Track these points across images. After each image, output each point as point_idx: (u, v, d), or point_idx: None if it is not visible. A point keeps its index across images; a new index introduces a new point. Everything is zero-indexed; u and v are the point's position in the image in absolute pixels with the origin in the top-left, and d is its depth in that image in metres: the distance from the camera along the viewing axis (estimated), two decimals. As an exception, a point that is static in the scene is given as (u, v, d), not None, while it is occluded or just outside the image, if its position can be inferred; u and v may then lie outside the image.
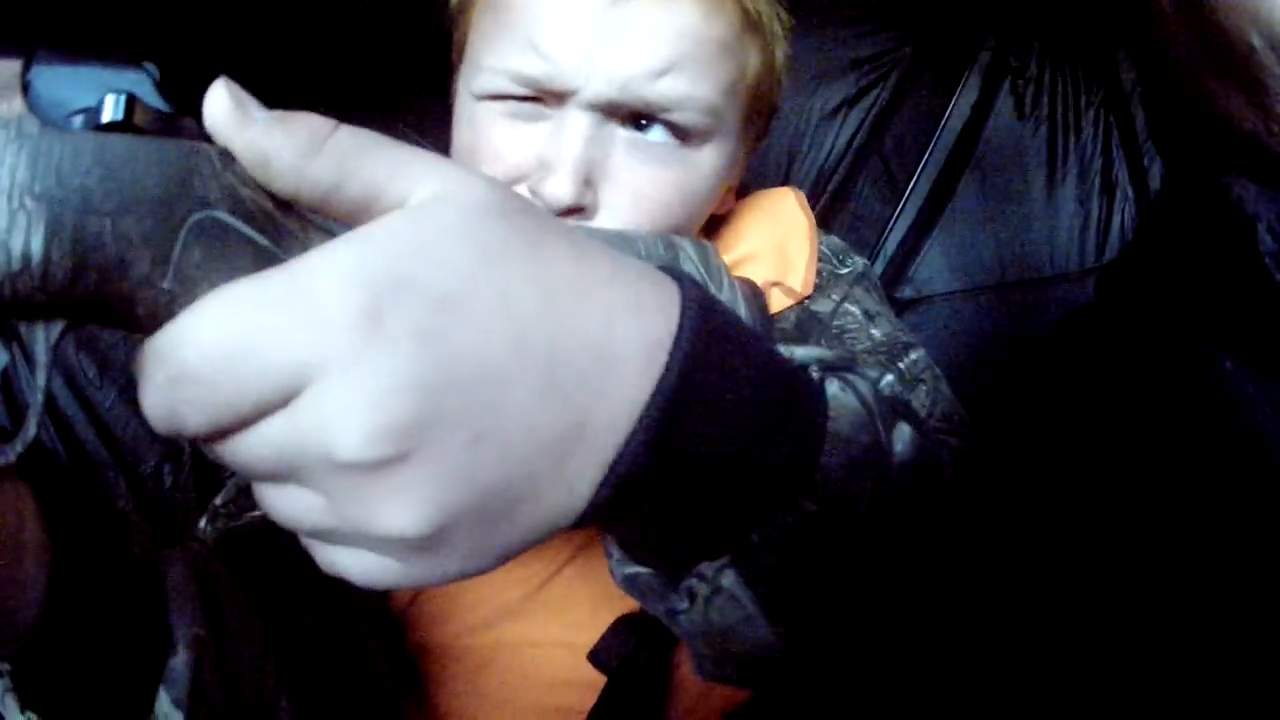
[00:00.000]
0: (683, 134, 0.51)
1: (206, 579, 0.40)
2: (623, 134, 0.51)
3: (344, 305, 0.22)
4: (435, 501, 0.23)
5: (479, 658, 0.53)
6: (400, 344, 0.22)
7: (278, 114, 0.24)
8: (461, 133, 0.54)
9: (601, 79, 0.48)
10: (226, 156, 0.24)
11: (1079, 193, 0.90)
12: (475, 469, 0.23)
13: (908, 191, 0.87)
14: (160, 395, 0.23)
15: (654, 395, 0.26)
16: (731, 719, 0.55)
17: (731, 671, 0.34)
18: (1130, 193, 0.92)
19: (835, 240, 0.62)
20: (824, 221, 0.81)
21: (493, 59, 0.51)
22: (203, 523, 0.49)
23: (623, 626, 0.51)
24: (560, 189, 0.48)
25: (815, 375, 0.34)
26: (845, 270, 0.60)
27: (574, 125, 0.49)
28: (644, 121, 0.51)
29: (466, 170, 0.25)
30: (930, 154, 0.87)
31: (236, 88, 0.24)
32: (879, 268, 0.86)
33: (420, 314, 0.22)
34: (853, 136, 0.86)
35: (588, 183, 0.49)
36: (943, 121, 0.88)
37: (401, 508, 0.23)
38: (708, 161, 0.53)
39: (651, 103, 0.49)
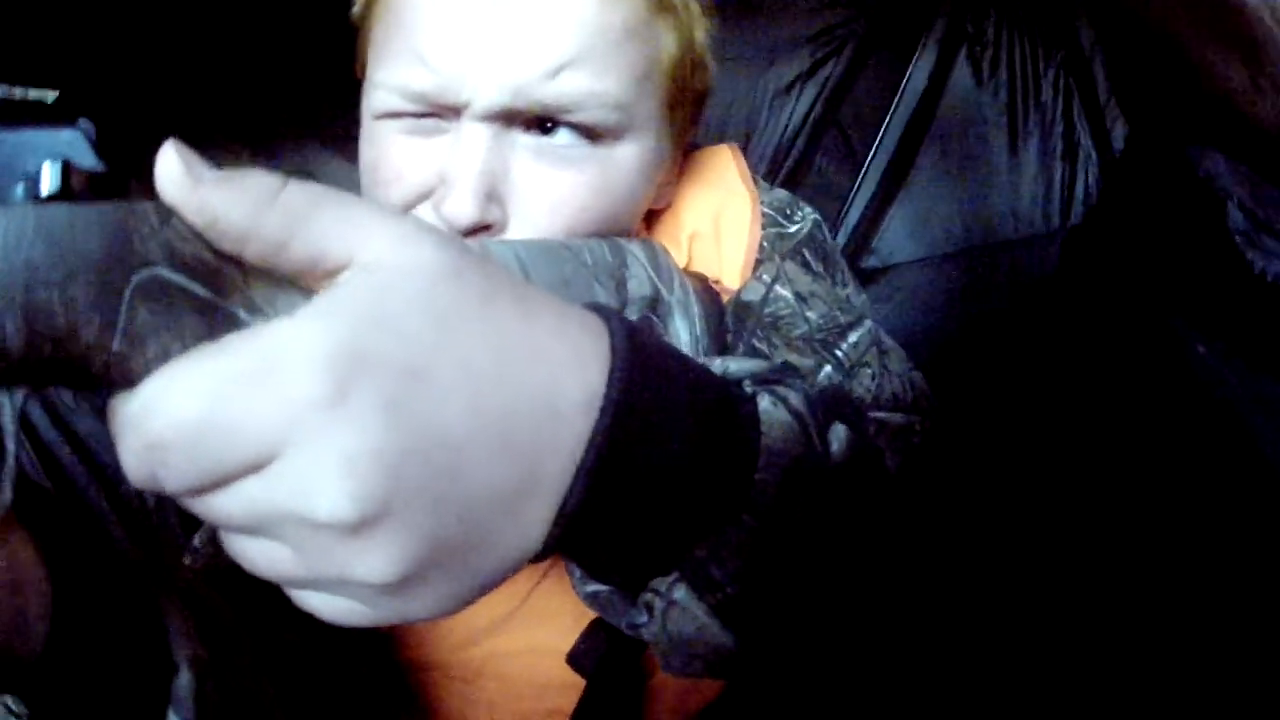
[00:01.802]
0: (591, 133, 0.48)
1: (198, 601, 0.41)
2: (526, 140, 0.48)
3: (310, 383, 0.23)
4: (402, 558, 0.24)
5: (469, 670, 0.54)
6: (366, 417, 0.23)
7: (227, 173, 0.25)
8: (364, 153, 0.51)
9: (491, 87, 0.45)
10: (163, 213, 0.25)
11: (1041, 156, 0.90)
12: (438, 527, 0.25)
13: (867, 162, 0.87)
14: (136, 459, 0.24)
15: (590, 443, 0.27)
16: (706, 715, 0.55)
17: (699, 668, 0.36)
18: (1094, 154, 0.92)
19: (782, 195, 0.59)
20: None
21: (383, 74, 0.48)
22: (186, 559, 0.50)
23: (598, 630, 0.51)
24: (460, 208, 0.46)
25: (748, 390, 0.35)
26: (792, 229, 0.57)
27: (470, 139, 0.47)
28: (548, 125, 0.48)
29: (413, 227, 0.26)
30: (888, 124, 0.87)
31: (185, 149, 0.25)
32: (841, 239, 0.86)
33: (383, 387, 0.23)
34: (809, 111, 0.86)
35: (491, 198, 0.47)
36: (900, 91, 0.88)
37: (371, 562, 0.24)
38: (625, 159, 0.49)
39: (549, 105, 0.46)
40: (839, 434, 0.37)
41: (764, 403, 0.35)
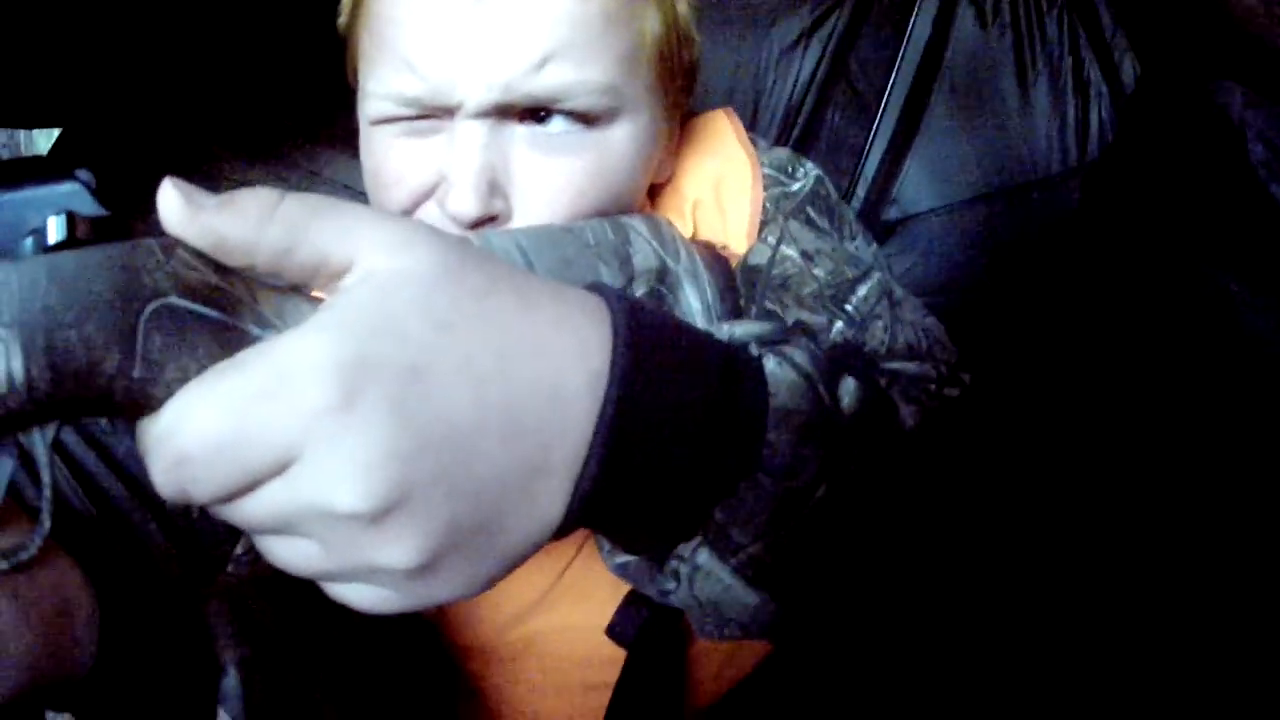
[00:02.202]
0: (585, 119, 0.49)
1: (243, 604, 0.43)
2: (522, 131, 0.49)
3: (320, 392, 0.24)
4: (422, 544, 0.26)
5: (512, 650, 0.55)
6: (374, 418, 0.25)
7: (225, 196, 0.26)
8: (366, 160, 0.52)
9: (480, 86, 0.46)
10: (167, 246, 0.26)
11: (1052, 94, 0.89)
12: (454, 513, 0.26)
13: (879, 115, 0.86)
14: (165, 476, 0.25)
15: (599, 423, 0.29)
16: (744, 688, 0.56)
17: (735, 631, 0.38)
18: (1104, 89, 0.91)
19: (781, 153, 0.59)
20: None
21: (374, 83, 0.49)
22: (230, 568, 0.52)
23: (634, 602, 0.52)
24: (463, 205, 0.47)
25: (755, 353, 0.36)
26: (795, 186, 0.57)
27: (467, 136, 0.48)
28: (542, 114, 0.48)
29: (410, 231, 0.28)
30: (897, 74, 0.86)
31: (182, 183, 0.26)
32: (860, 193, 0.85)
33: (389, 389, 0.25)
34: (815, 67, 0.85)
35: (494, 190, 0.48)
36: (905, 40, 0.87)
37: (394, 549, 0.26)
38: (621, 140, 0.50)
39: (539, 97, 0.47)
40: (849, 388, 0.38)
41: (770, 364, 0.36)
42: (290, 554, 0.27)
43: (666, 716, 0.54)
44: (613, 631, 0.52)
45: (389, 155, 0.50)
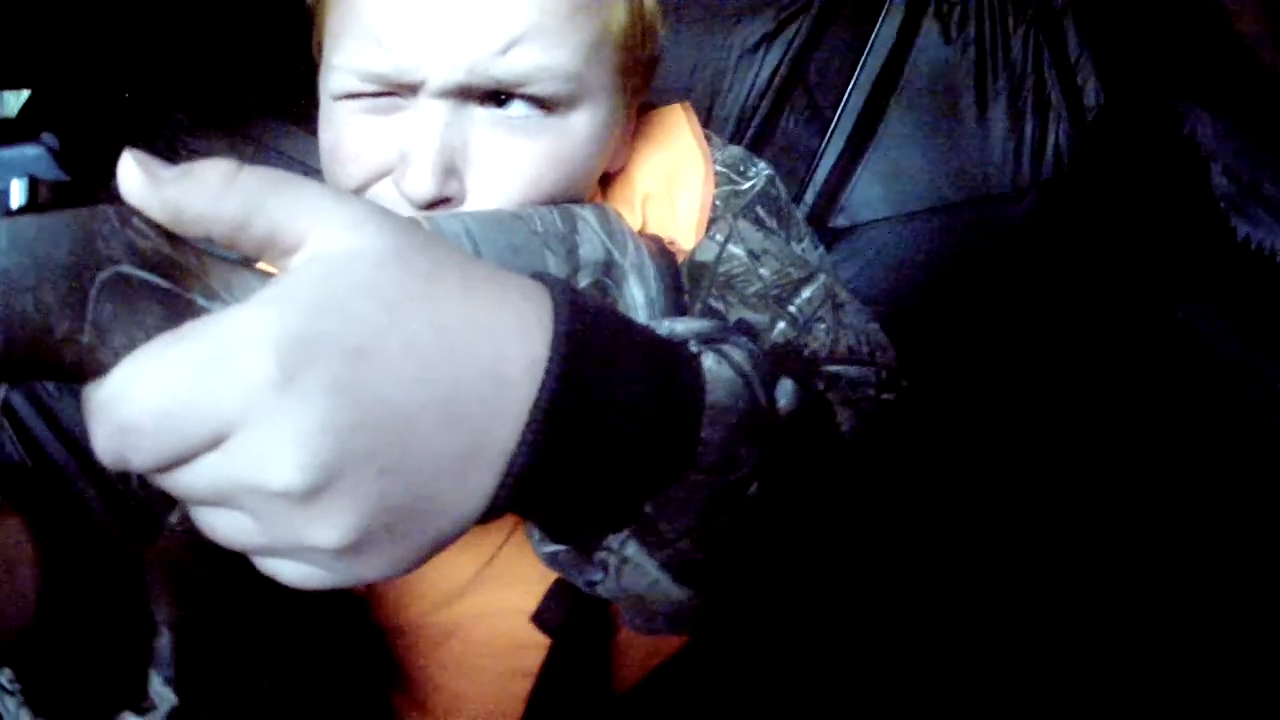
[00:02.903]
0: (545, 104, 0.49)
1: (180, 569, 0.43)
2: (483, 114, 0.49)
3: (261, 367, 0.25)
4: (352, 523, 0.26)
5: (440, 632, 0.55)
6: (313, 396, 0.25)
7: (184, 167, 0.27)
8: (324, 134, 0.52)
9: (446, 65, 0.47)
10: (123, 214, 0.27)
11: (1010, 113, 0.90)
12: (385, 494, 0.27)
13: (835, 121, 0.87)
14: (107, 443, 0.26)
15: (534, 409, 0.29)
16: (664, 671, 0.57)
17: (661, 624, 0.38)
18: (1064, 111, 0.91)
19: (735, 152, 0.60)
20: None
21: (340, 57, 0.49)
22: (164, 535, 0.51)
23: (561, 590, 0.53)
24: (419, 185, 0.47)
25: (694, 349, 0.36)
26: (745, 185, 0.58)
27: (429, 115, 0.48)
28: (503, 98, 0.49)
29: (361, 211, 0.28)
30: (855, 83, 0.87)
31: (142, 155, 0.26)
32: (809, 198, 0.86)
33: (330, 367, 0.25)
34: (775, 70, 0.86)
35: (450, 172, 0.48)
36: (867, 49, 0.87)
37: (324, 528, 0.26)
38: (579, 127, 0.51)
39: (503, 80, 0.47)
40: (786, 389, 0.38)
41: (708, 361, 0.36)
42: (223, 527, 0.27)
43: (589, 703, 0.55)
44: (539, 618, 0.53)
45: (348, 131, 0.50)
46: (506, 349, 0.29)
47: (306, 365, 0.25)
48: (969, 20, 0.90)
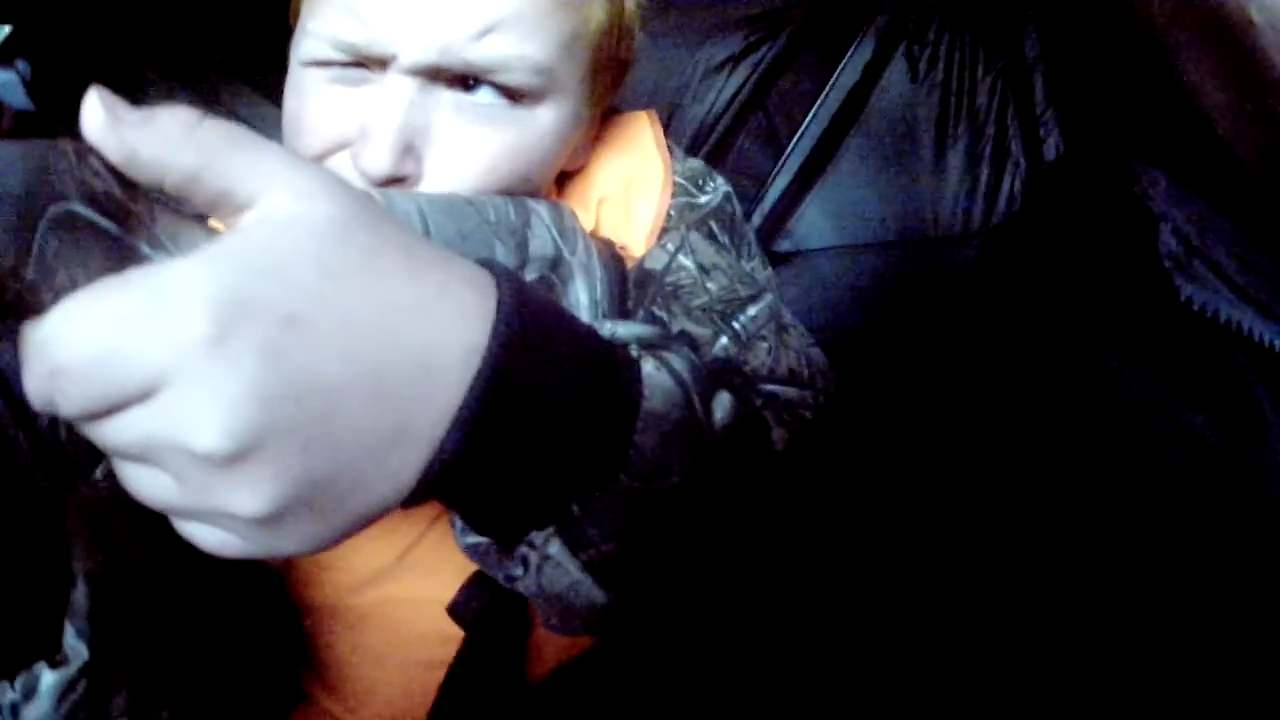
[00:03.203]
0: (513, 94, 0.49)
1: (100, 521, 0.43)
2: (449, 97, 0.49)
3: (195, 323, 0.24)
4: (272, 494, 0.26)
5: (356, 615, 0.55)
6: (244, 359, 0.25)
7: (146, 112, 0.27)
8: (289, 101, 0.52)
9: (420, 44, 0.47)
10: (81, 151, 0.26)
11: (968, 158, 0.91)
12: (308, 468, 0.26)
13: (790, 147, 0.88)
14: (39, 383, 0.25)
15: (467, 395, 0.29)
16: (574, 666, 0.57)
17: (577, 625, 0.38)
18: (1022, 162, 0.92)
19: (696, 165, 0.60)
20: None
21: (315, 23, 0.49)
22: (87, 487, 0.51)
23: (479, 583, 0.52)
24: (376, 161, 0.47)
25: (634, 354, 0.36)
26: (702, 199, 0.58)
27: (395, 92, 0.48)
28: (471, 83, 0.49)
29: (316, 180, 0.28)
30: (816, 112, 0.88)
31: (107, 94, 0.26)
32: (756, 220, 0.87)
33: (265, 332, 0.25)
34: (738, 91, 0.87)
35: (408, 151, 0.48)
36: (831, 81, 0.88)
37: (243, 495, 0.26)
38: (543, 122, 0.50)
39: (474, 64, 0.47)
40: (723, 402, 0.38)
41: (648, 366, 0.36)
42: (146, 484, 0.27)
43: (501, 699, 0.54)
44: (454, 611, 0.52)
45: (312, 99, 0.50)
46: (444, 333, 0.28)
47: (240, 327, 0.25)
48: (938, 63, 0.91)
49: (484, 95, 0.49)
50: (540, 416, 0.31)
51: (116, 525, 0.45)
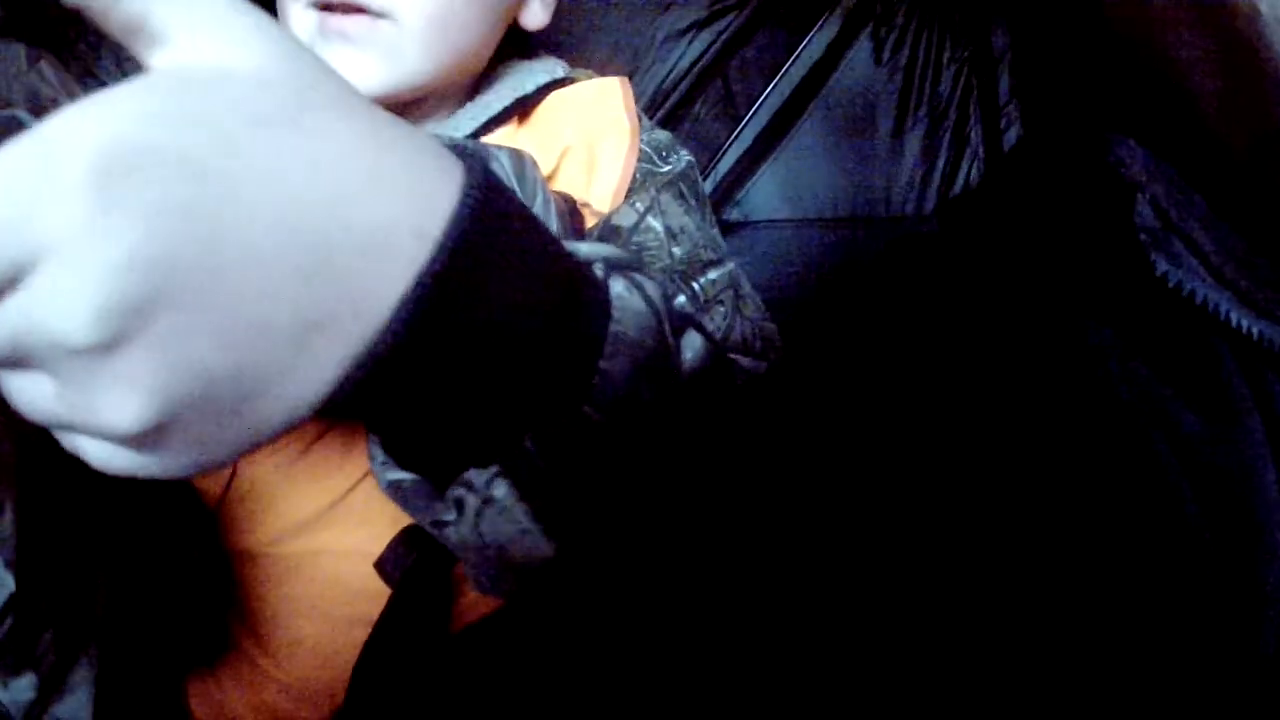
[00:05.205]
0: None
1: (29, 453, 0.40)
2: None
3: (77, 176, 0.20)
4: (154, 392, 0.22)
5: (285, 565, 0.53)
6: (131, 220, 0.20)
7: None
8: None
9: None
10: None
11: (926, 143, 0.91)
12: (203, 358, 0.22)
13: (747, 118, 0.87)
14: None
15: (413, 284, 0.25)
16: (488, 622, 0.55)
17: (510, 584, 0.33)
18: (981, 151, 0.92)
19: (662, 136, 0.61)
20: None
21: None
22: None
23: (407, 537, 0.50)
24: None
25: (600, 272, 0.32)
26: (664, 169, 0.58)
27: None
28: None
29: (259, 26, 0.24)
30: (776, 84, 0.88)
31: None
32: (708, 188, 0.86)
33: (163, 185, 0.21)
34: (697, 59, 0.87)
35: None
36: (794, 55, 0.88)
37: (120, 399, 0.22)
38: None
39: None
40: (693, 343, 0.34)
41: (618, 287, 0.32)
42: (27, 391, 0.23)
43: (424, 657, 0.52)
44: (381, 566, 0.50)
45: None
46: (396, 214, 0.24)
47: (128, 181, 0.20)
48: (903, 48, 0.91)
49: None
50: (495, 322, 0.26)
51: (41, 452, 0.42)
